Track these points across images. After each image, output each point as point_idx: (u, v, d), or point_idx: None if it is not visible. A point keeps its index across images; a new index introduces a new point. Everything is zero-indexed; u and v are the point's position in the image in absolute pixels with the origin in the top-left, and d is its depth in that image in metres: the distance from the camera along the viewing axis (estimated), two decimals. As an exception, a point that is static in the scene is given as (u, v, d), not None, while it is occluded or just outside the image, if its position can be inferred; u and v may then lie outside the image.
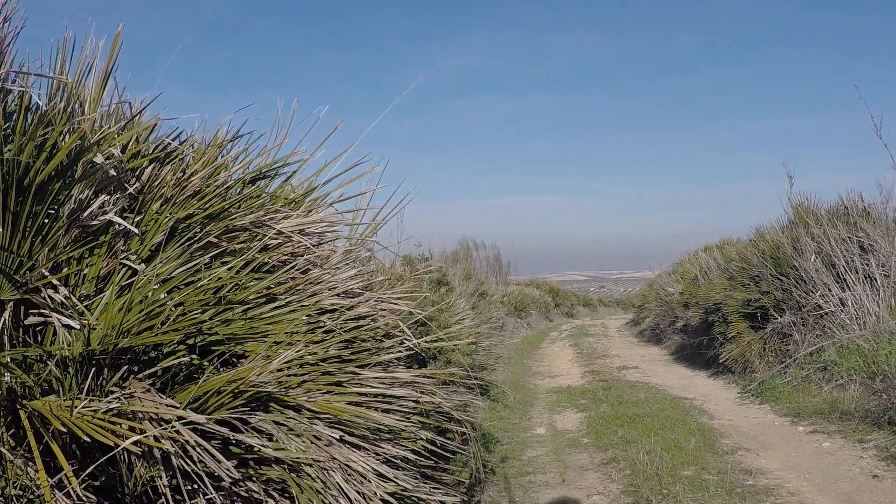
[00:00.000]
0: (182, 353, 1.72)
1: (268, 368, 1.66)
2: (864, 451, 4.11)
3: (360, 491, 1.79)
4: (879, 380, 4.84)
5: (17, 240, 1.59)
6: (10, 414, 1.50)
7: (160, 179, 1.89)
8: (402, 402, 1.98)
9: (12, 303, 1.60)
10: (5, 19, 1.70)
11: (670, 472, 3.87)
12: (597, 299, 31.78)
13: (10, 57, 1.72)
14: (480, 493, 3.55)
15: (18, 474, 1.45)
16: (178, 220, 1.85)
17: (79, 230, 1.70)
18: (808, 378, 6.00)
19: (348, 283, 2.10)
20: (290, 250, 2.08)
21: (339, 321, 1.99)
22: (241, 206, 2.02)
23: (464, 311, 4.73)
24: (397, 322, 2.25)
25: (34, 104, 1.78)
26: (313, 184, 2.37)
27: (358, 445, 1.84)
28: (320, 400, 1.77)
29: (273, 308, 1.88)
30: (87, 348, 1.54)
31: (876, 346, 5.41)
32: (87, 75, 1.91)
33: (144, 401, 1.51)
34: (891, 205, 6.46)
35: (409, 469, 2.05)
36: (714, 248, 10.85)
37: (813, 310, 6.46)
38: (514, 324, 14.60)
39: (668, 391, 7.21)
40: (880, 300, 5.95)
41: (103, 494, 1.57)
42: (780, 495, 3.49)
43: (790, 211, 7.37)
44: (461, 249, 14.44)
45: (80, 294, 1.68)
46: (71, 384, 1.53)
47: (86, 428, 1.39)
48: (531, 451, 4.52)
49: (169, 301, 1.65)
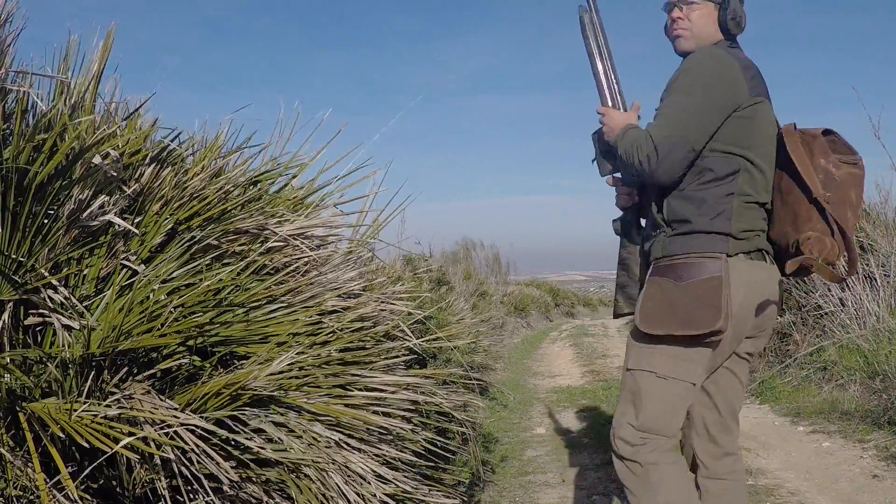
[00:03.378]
0: (182, 354, 1.72)
1: (268, 370, 1.66)
2: (864, 451, 4.11)
3: (360, 492, 1.79)
4: (879, 380, 4.84)
5: (17, 240, 1.59)
6: (10, 415, 1.50)
7: (160, 180, 1.89)
8: (402, 403, 1.98)
9: (12, 303, 1.60)
10: (5, 20, 1.70)
11: (670, 472, 3.87)
12: (597, 299, 31.77)
13: (10, 57, 1.72)
14: (480, 493, 3.55)
15: (18, 475, 1.44)
16: (178, 221, 1.85)
17: (78, 231, 1.70)
18: (808, 378, 6.00)
19: (349, 285, 2.10)
20: (291, 252, 2.08)
21: (341, 323, 1.99)
22: (242, 208, 2.02)
23: (463, 311, 4.73)
24: (398, 322, 2.25)
25: (34, 105, 1.78)
26: (315, 186, 2.37)
27: (357, 447, 1.84)
28: (320, 402, 1.77)
29: (273, 310, 1.88)
30: (86, 351, 1.54)
31: (876, 345, 5.41)
32: (87, 75, 1.91)
33: (144, 403, 1.51)
34: (890, 205, 6.46)
35: (409, 470, 2.05)
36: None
37: (813, 309, 6.46)
38: (513, 323, 14.60)
39: (667, 391, 7.20)
40: (880, 300, 5.94)
41: (102, 496, 1.57)
42: (780, 495, 3.49)
43: (790, 211, 7.37)
44: (461, 249, 14.45)
45: (79, 295, 1.68)
46: (71, 386, 1.53)
47: (84, 432, 1.39)
48: (531, 451, 4.52)
49: (170, 303, 1.65)
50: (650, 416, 1.85)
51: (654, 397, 1.85)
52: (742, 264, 1.83)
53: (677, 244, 1.86)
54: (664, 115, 1.85)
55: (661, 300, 1.83)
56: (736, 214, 1.84)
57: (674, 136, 1.80)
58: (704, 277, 1.79)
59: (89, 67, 1.91)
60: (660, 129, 1.82)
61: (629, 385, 1.90)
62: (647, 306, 1.85)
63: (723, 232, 1.82)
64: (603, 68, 2.05)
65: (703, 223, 1.84)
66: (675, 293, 1.81)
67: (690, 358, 1.83)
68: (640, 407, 1.86)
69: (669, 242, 1.87)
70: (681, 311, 1.80)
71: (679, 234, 1.86)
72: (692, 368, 1.84)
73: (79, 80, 1.90)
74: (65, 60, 1.95)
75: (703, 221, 1.83)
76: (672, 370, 1.84)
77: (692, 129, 1.81)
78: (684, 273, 1.81)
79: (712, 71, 1.86)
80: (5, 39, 1.71)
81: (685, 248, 1.84)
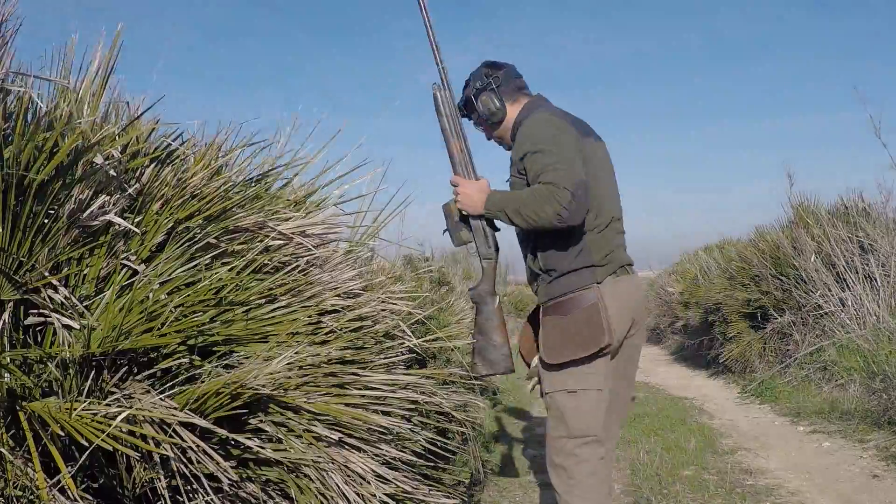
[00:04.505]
0: (182, 354, 1.72)
1: (267, 370, 1.66)
2: (864, 451, 4.11)
3: (360, 492, 1.79)
4: (879, 380, 4.84)
5: (17, 240, 1.59)
6: (10, 414, 1.50)
7: (160, 180, 1.89)
8: (402, 403, 1.98)
9: (12, 303, 1.60)
10: (4, 20, 1.70)
11: (670, 472, 3.87)
12: (597, 299, 31.65)
13: (10, 57, 1.72)
14: (480, 493, 3.55)
15: (18, 475, 1.44)
16: (178, 220, 1.85)
17: (79, 230, 1.70)
18: (808, 378, 6.00)
19: (349, 284, 2.10)
20: (291, 251, 2.08)
21: (341, 322, 1.99)
22: (242, 207, 2.02)
23: (464, 311, 4.72)
24: (398, 322, 2.25)
25: (34, 105, 1.78)
26: (315, 185, 2.37)
27: (357, 447, 1.84)
28: (320, 401, 1.77)
29: (273, 309, 1.88)
30: (86, 350, 1.54)
31: (876, 345, 5.41)
32: (87, 75, 1.91)
33: (144, 402, 1.51)
34: (891, 205, 6.45)
35: (409, 470, 2.05)
36: (714, 248, 10.83)
37: (813, 310, 6.45)
38: (514, 324, 14.59)
39: (667, 391, 7.21)
40: (880, 300, 5.94)
41: (102, 495, 1.57)
42: (780, 495, 3.49)
43: (790, 211, 7.36)
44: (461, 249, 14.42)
45: (80, 294, 1.68)
46: (71, 385, 1.53)
47: (84, 432, 1.39)
48: (531, 451, 4.52)
49: (170, 302, 1.65)
50: (574, 425, 2.13)
51: (573, 409, 2.13)
52: (610, 286, 2.12)
53: (556, 287, 2.14)
54: (550, 163, 2.00)
55: (557, 334, 2.13)
56: (593, 246, 2.12)
57: (577, 178, 1.98)
58: (585, 307, 2.09)
59: (93, 68, 1.91)
60: (563, 177, 1.96)
61: (552, 406, 2.18)
62: (549, 342, 2.14)
63: (587, 265, 2.11)
64: (458, 145, 2.21)
65: (570, 264, 2.12)
66: (565, 325, 2.11)
67: (591, 371, 2.12)
68: (565, 420, 2.14)
69: (549, 287, 2.15)
70: (574, 338, 2.10)
71: (555, 278, 2.14)
72: (595, 378, 2.13)
73: (83, 80, 1.89)
74: (66, 60, 1.95)
75: (570, 262, 2.11)
76: (579, 384, 2.13)
77: (580, 170, 2.01)
78: (569, 308, 2.11)
79: (555, 125, 2.12)
80: (5, 38, 1.70)
81: (563, 289, 2.12)
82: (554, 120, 2.12)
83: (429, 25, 2.14)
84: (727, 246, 10.18)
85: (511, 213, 2.06)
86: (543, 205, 1.95)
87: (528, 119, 2.16)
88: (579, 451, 2.12)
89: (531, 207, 1.99)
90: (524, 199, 2.02)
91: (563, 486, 2.14)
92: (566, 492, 2.13)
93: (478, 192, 2.14)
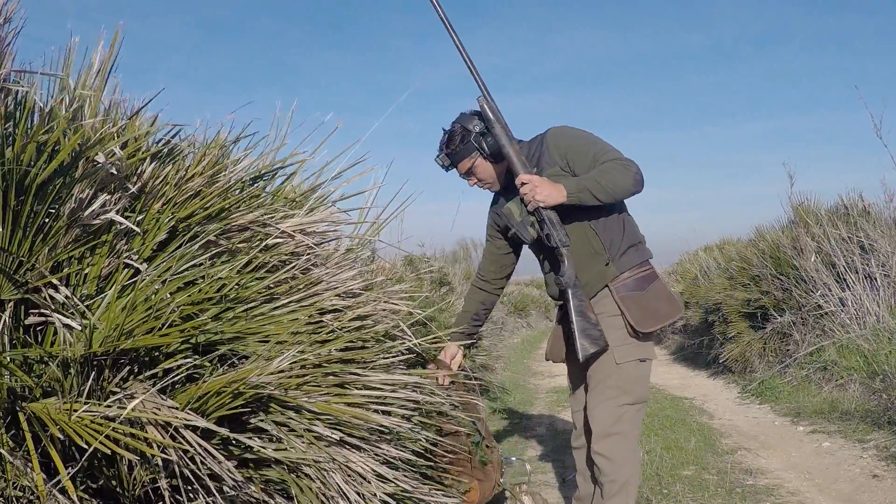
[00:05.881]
0: (183, 353, 1.72)
1: (268, 369, 1.65)
2: (864, 451, 4.11)
3: (360, 492, 1.79)
4: (879, 380, 4.84)
5: (18, 239, 1.58)
6: (10, 415, 1.49)
7: (161, 179, 1.89)
8: (402, 402, 1.98)
9: (12, 303, 1.60)
10: (6, 20, 1.70)
11: (670, 471, 3.87)
12: (596, 298, 31.67)
13: (12, 57, 1.71)
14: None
15: (18, 475, 1.44)
16: (179, 219, 1.84)
17: (79, 229, 1.69)
18: (808, 378, 6.00)
19: (350, 284, 2.10)
20: (291, 249, 2.08)
21: (341, 321, 1.99)
22: (242, 206, 2.02)
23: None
24: (398, 322, 2.25)
25: (36, 104, 1.77)
26: (315, 183, 2.37)
27: (358, 447, 1.83)
28: (320, 401, 1.77)
29: (273, 308, 1.88)
30: (88, 350, 1.54)
31: (876, 345, 5.41)
32: (88, 74, 1.91)
33: (146, 403, 1.51)
34: (892, 205, 6.45)
35: (409, 470, 2.05)
36: (714, 248, 10.84)
37: (813, 309, 6.45)
38: (513, 323, 14.60)
39: (667, 391, 7.21)
40: (880, 300, 5.94)
41: (103, 496, 1.57)
42: (780, 495, 3.49)
43: (790, 211, 7.36)
44: (461, 249, 14.45)
45: (81, 294, 1.68)
46: (72, 385, 1.53)
47: (84, 434, 1.39)
48: (531, 451, 4.52)
49: (171, 301, 1.65)
50: (640, 392, 2.34)
51: (640, 377, 2.34)
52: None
53: (626, 260, 2.32)
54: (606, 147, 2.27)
55: (645, 305, 2.30)
56: (632, 226, 2.41)
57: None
58: (658, 280, 2.36)
59: (94, 67, 1.90)
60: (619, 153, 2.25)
61: (620, 377, 2.31)
62: (636, 314, 2.29)
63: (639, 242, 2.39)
64: (514, 147, 2.29)
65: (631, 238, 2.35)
66: (648, 298, 2.31)
67: (651, 341, 2.38)
68: (632, 388, 2.31)
69: (620, 261, 2.32)
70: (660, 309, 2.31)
71: (623, 251, 2.33)
72: (653, 348, 2.41)
73: (83, 79, 1.89)
74: (67, 59, 1.94)
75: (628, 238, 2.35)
76: (647, 353, 2.36)
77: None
78: (642, 283, 2.32)
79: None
80: (6, 38, 1.70)
81: (634, 260, 2.33)
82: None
83: (461, 48, 2.27)
84: (727, 246, 10.18)
85: (594, 189, 2.17)
86: (621, 175, 2.17)
87: (549, 132, 2.36)
88: (637, 416, 2.33)
89: (609, 179, 2.16)
90: (598, 176, 2.18)
91: (617, 452, 2.28)
92: (622, 456, 2.28)
93: (550, 185, 2.21)
